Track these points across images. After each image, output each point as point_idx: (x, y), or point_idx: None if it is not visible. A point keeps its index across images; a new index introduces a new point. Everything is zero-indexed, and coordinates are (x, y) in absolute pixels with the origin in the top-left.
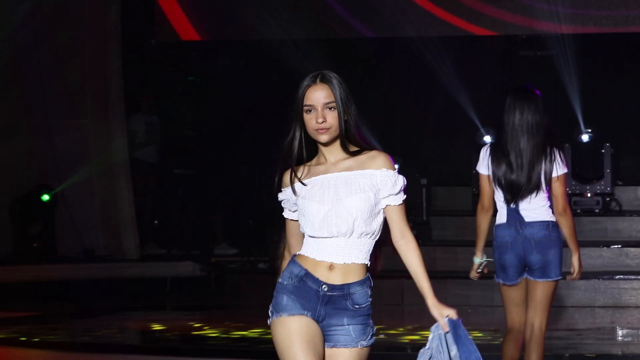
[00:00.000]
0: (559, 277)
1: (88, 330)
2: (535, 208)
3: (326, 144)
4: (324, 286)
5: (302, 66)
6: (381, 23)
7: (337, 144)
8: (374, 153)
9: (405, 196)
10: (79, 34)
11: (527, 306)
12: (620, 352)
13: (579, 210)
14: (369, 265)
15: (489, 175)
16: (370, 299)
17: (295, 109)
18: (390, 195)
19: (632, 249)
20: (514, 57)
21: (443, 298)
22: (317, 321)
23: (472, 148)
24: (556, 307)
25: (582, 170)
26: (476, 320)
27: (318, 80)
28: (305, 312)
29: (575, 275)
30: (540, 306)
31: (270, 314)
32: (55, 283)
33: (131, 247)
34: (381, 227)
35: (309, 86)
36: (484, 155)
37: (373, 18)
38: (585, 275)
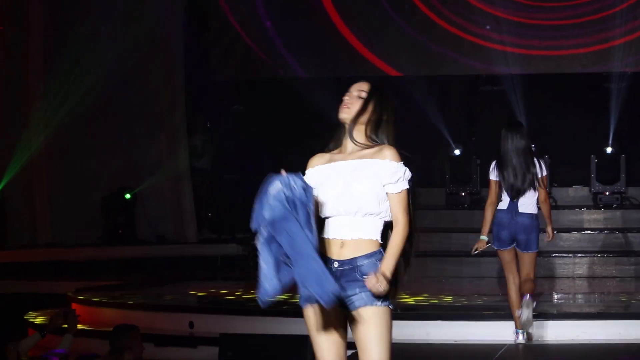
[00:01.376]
0: (537, 250)
1: (159, 296)
2: (527, 203)
3: (343, 122)
4: (335, 263)
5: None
6: (378, 64)
7: (356, 135)
8: (383, 146)
9: (406, 187)
10: (154, 76)
11: (520, 267)
12: (555, 311)
13: None
14: (381, 242)
15: (497, 181)
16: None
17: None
18: (389, 183)
19: (564, 234)
20: (476, 91)
21: (423, 271)
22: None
23: (446, 159)
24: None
25: None
26: (449, 288)
27: (364, 80)
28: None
29: (550, 238)
30: (528, 266)
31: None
32: (134, 260)
33: (191, 233)
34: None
35: (355, 81)
36: (492, 168)
37: (373, 60)
38: None
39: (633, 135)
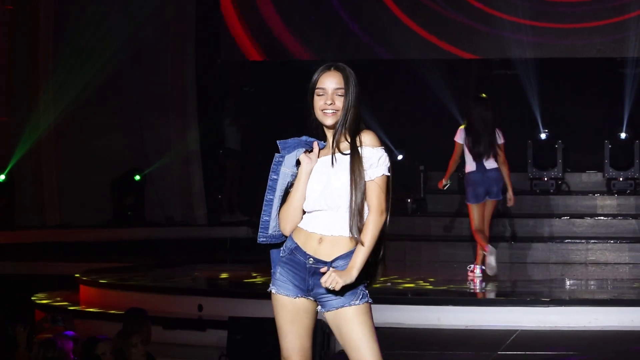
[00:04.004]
0: (501, 197)
1: (168, 278)
2: (490, 161)
3: (329, 127)
4: (310, 259)
5: None
6: (390, 48)
7: (339, 128)
8: (362, 133)
9: (382, 173)
10: (164, 56)
11: (485, 213)
12: (567, 298)
13: (537, 191)
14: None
15: (461, 144)
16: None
17: (309, 93)
18: (369, 169)
19: (577, 220)
20: (489, 75)
21: (435, 255)
22: (307, 289)
23: None
24: (518, 263)
25: (540, 160)
26: (461, 273)
27: (332, 68)
28: (291, 294)
29: (511, 201)
30: (491, 211)
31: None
32: (143, 242)
33: (200, 215)
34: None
35: (323, 72)
36: (460, 134)
37: (384, 44)
38: (541, 239)
39: None
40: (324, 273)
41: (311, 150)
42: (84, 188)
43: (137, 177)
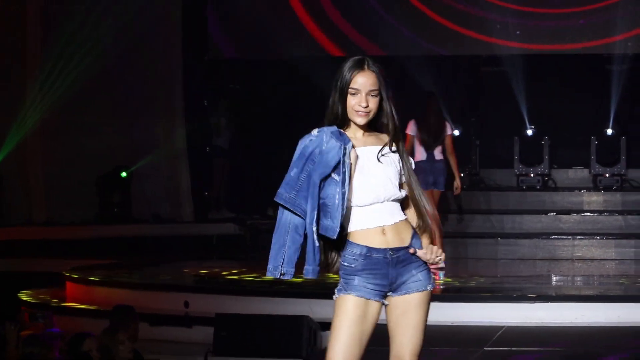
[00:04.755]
0: (444, 189)
1: (154, 275)
2: (438, 153)
3: (360, 125)
4: (388, 252)
5: (317, 79)
6: (377, 45)
7: (372, 124)
8: (397, 136)
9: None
10: (151, 53)
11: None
12: (554, 294)
13: (524, 187)
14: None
15: (413, 136)
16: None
17: (339, 88)
18: (409, 174)
19: (564, 216)
20: (477, 71)
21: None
22: (390, 283)
23: None
24: (505, 259)
25: (526, 156)
26: (447, 270)
27: (367, 67)
28: (369, 296)
29: (458, 190)
30: (435, 201)
31: (336, 292)
32: (129, 239)
33: (187, 212)
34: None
35: (358, 71)
36: (411, 126)
37: (372, 41)
38: (528, 235)
39: (633, 117)
40: (410, 255)
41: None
42: (71, 185)
43: (124, 174)
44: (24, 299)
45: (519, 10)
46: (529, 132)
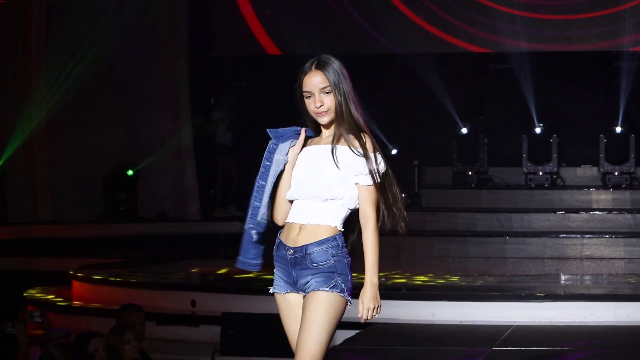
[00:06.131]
0: None
1: (161, 273)
2: None
3: (328, 125)
4: (289, 250)
5: None
6: (385, 42)
7: (337, 122)
8: (359, 135)
9: (378, 181)
10: (157, 50)
11: None
12: (563, 293)
13: (532, 185)
14: (341, 229)
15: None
16: (333, 257)
17: (298, 96)
18: (359, 174)
19: (572, 215)
20: (485, 69)
21: (429, 251)
22: (294, 282)
23: (453, 137)
24: (514, 258)
25: (535, 155)
26: (455, 268)
27: (313, 67)
28: (282, 290)
29: None
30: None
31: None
32: (136, 237)
33: (194, 210)
34: (356, 198)
35: (305, 73)
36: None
37: (379, 38)
38: (536, 234)
39: None
40: (306, 260)
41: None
42: (77, 183)
43: (130, 173)
44: (33, 297)
45: (527, 7)
46: (538, 130)
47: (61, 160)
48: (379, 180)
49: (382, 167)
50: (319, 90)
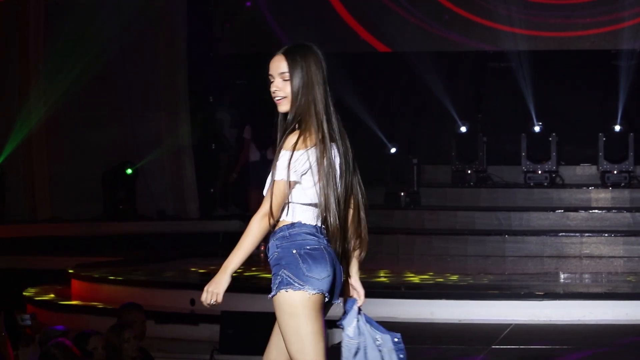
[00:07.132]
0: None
1: (160, 272)
2: (270, 153)
3: (284, 115)
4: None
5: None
6: (384, 40)
7: (290, 115)
8: (292, 130)
9: (280, 178)
10: (155, 49)
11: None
12: (562, 291)
13: (531, 184)
14: (293, 221)
15: (250, 139)
16: (277, 249)
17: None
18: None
19: (571, 213)
20: (483, 67)
21: (428, 249)
22: None
23: (452, 136)
24: (513, 257)
25: (534, 153)
26: (454, 267)
27: (280, 51)
28: None
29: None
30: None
31: None
32: (135, 236)
33: (193, 209)
34: (300, 190)
35: (272, 58)
36: (247, 131)
37: (377, 37)
38: (535, 232)
39: None
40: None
41: None
42: (75, 182)
43: (129, 171)
44: (31, 296)
45: (525, 5)
46: (536, 128)
47: (60, 159)
48: (282, 179)
49: (279, 163)
50: (279, 75)
